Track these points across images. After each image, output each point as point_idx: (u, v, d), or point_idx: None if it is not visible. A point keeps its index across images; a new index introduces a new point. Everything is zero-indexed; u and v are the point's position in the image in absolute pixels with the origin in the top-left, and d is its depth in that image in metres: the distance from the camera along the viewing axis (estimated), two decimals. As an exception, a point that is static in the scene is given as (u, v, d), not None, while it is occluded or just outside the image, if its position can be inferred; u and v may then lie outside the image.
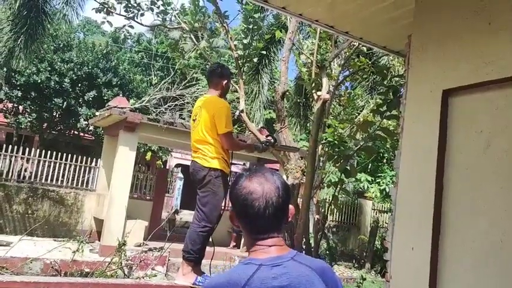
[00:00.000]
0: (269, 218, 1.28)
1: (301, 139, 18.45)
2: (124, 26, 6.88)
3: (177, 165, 21.11)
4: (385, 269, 2.55)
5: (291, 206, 1.34)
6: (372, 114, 5.45)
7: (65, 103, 14.86)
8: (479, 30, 2.19)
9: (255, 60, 5.82)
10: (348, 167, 4.22)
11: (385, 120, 4.23)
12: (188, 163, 3.97)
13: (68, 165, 11.58)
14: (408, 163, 2.52)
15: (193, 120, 3.66)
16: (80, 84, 15.22)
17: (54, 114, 15.79)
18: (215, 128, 3.45)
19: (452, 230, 2.16)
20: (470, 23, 2.25)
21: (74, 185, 11.58)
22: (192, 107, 14.11)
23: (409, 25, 2.72)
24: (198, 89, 15.21)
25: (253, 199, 1.27)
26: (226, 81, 3.69)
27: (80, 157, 11.82)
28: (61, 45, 15.74)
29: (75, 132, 16.29)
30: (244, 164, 19.23)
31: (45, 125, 15.62)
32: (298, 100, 14.25)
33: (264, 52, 9.11)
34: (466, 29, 2.27)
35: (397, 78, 4.97)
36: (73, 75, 14.89)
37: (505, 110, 2.03)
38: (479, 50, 2.17)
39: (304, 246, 4.20)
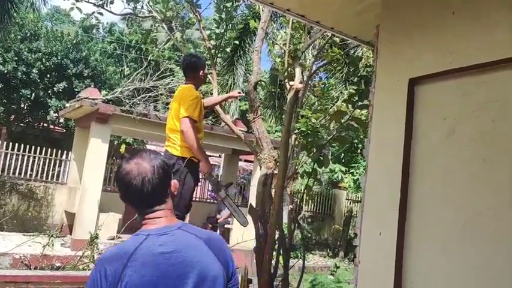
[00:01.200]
0: (149, 194, 1.41)
1: (276, 130, 18.53)
2: (93, 12, 6.70)
3: (152, 158, 20.83)
4: (353, 252, 2.60)
5: (173, 181, 1.51)
6: (344, 104, 5.52)
7: (33, 94, 14.40)
8: (443, 19, 2.24)
9: (228, 50, 5.78)
10: (321, 157, 4.26)
11: (358, 110, 4.29)
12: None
13: (37, 158, 11.29)
14: (377, 151, 2.56)
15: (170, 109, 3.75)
16: (48, 75, 14.77)
17: (22, 105, 15.28)
18: None
19: (418, 215, 2.22)
20: (435, 12, 2.29)
21: (44, 179, 11.30)
22: (166, 98, 14.01)
23: (377, 15, 2.75)
24: (172, 80, 15.03)
25: (130, 178, 1.40)
26: (201, 71, 3.72)
27: (50, 150, 11.53)
28: (28, 35, 15.22)
29: (45, 124, 15.85)
30: (219, 155, 19.18)
31: (13, 117, 15.13)
32: (273, 91, 14.27)
33: (237, 42, 9.06)
34: (431, 18, 2.31)
35: (369, 69, 5.03)
36: (41, 66, 14.43)
37: (468, 97, 2.09)
38: (444, 39, 2.22)
39: (277, 236, 4.23)
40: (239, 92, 4.34)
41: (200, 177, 3.89)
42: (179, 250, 1.35)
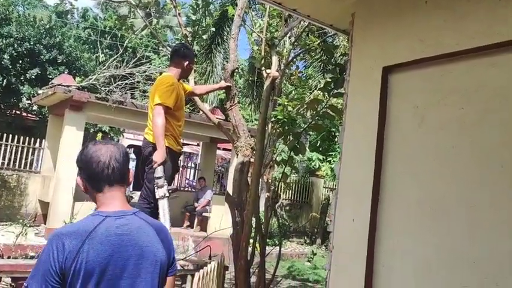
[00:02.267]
0: (112, 175, 1.55)
1: (255, 119, 18.51)
2: (67, -3, 6.50)
3: (129, 146, 20.59)
4: (329, 239, 2.65)
5: (131, 170, 1.68)
6: (321, 93, 5.56)
7: (5, 81, 13.95)
8: (416, 9, 2.27)
9: (205, 37, 5.72)
10: (298, 145, 4.29)
11: (334, 98, 4.32)
12: (141, 144, 3.92)
13: (9, 146, 11.00)
14: (351, 138, 2.60)
15: None
16: (21, 61, 14.31)
17: (-7, 92, 14.82)
18: None
19: (390, 201, 2.27)
20: (409, 1, 2.32)
21: (17, 167, 11.03)
22: (144, 86, 13.77)
23: (352, 4, 2.77)
24: (149, 67, 14.78)
25: (99, 155, 1.54)
26: (187, 62, 3.67)
27: (22, 138, 11.24)
28: (-1, 19, 14.69)
29: (17, 112, 15.41)
30: (198, 144, 19.09)
31: (-16, 104, 14.68)
32: (252, 79, 14.23)
33: (214, 29, 8.94)
34: (405, 7, 2.35)
35: (346, 57, 5.06)
36: (13, 52, 13.96)
37: (438, 86, 2.13)
38: (416, 28, 2.25)
39: (254, 223, 4.26)
40: (228, 85, 4.31)
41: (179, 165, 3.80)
42: (132, 234, 1.51)
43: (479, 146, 1.93)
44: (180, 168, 15.78)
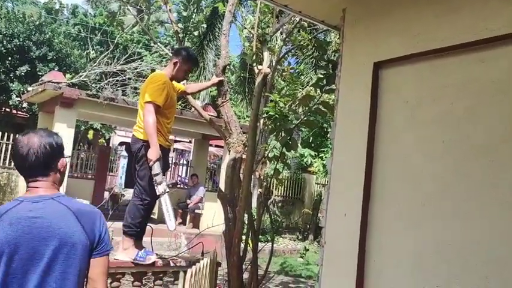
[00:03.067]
0: (31, 164, 1.62)
1: (247, 116, 18.50)
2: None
3: (121, 143, 20.48)
4: (321, 235, 2.66)
5: (62, 160, 1.72)
6: (313, 89, 5.56)
7: (-6, 78, 13.81)
8: (407, 4, 2.28)
9: (196, 33, 5.69)
10: (289, 141, 4.29)
11: (326, 94, 4.33)
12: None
13: (-1, 144, 10.89)
14: (342, 134, 2.61)
15: None
16: (10, 58, 14.14)
17: (-18, 89, 14.64)
18: None
19: (381, 196, 2.28)
20: (400, -3, 2.33)
21: (7, 165, 10.92)
22: (135, 83, 13.69)
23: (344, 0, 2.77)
24: (140, 64, 14.67)
25: (18, 148, 1.62)
26: (176, 61, 3.61)
27: (12, 135, 11.12)
28: (-13, 16, 14.51)
29: (7, 109, 15.24)
30: (190, 141, 19.04)
31: (-28, 101, 14.49)
32: (244, 76, 14.21)
33: (205, 26, 8.89)
34: (396, 3, 2.35)
35: (338, 53, 5.07)
36: (2, 48, 13.79)
37: (429, 81, 2.14)
38: (407, 24, 2.26)
39: (246, 220, 4.26)
40: (218, 76, 4.30)
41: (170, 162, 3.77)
42: (45, 217, 1.57)
43: (469, 141, 1.95)
44: (172, 166, 15.74)
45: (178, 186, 14.63)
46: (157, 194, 3.39)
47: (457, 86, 2.02)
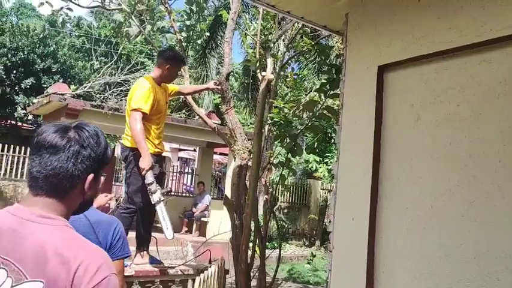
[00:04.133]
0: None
1: (251, 123, 18.53)
2: (61, 8, 6.48)
3: (125, 153, 20.53)
4: (329, 240, 2.65)
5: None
6: (317, 94, 5.56)
7: (0, 91, 13.94)
8: (410, 7, 2.28)
9: (199, 42, 5.72)
10: (294, 147, 4.29)
11: (330, 99, 4.33)
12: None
13: (5, 156, 10.95)
14: (348, 138, 2.60)
15: None
16: (15, 71, 14.30)
17: (-12, 103, 14.79)
18: None
19: (389, 199, 2.27)
20: (402, 0, 2.34)
21: (13, 177, 10.98)
22: (138, 92, 13.62)
23: (346, 4, 2.78)
24: (143, 74, 14.76)
25: None
26: (169, 65, 3.56)
27: (18, 147, 11.19)
28: (-8, 29, 14.69)
29: (13, 121, 15.37)
30: (194, 149, 19.05)
31: (-22, 114, 14.64)
32: (247, 82, 14.25)
33: (208, 34, 8.92)
34: (398, 6, 2.36)
35: (340, 58, 5.07)
36: (7, 62, 13.96)
37: (434, 83, 2.14)
38: (411, 27, 2.26)
39: (253, 226, 4.25)
40: (215, 83, 4.29)
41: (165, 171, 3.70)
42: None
43: (477, 142, 1.94)
44: (177, 174, 15.75)
45: (184, 194, 14.62)
46: (153, 203, 3.33)
47: (463, 88, 2.02)
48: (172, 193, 13.60)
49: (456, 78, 2.06)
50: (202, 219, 11.59)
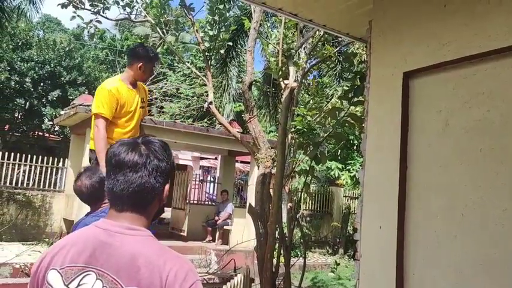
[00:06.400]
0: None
1: (271, 131, 18.54)
2: (91, 21, 6.66)
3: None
4: (355, 249, 2.62)
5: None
6: (340, 101, 5.53)
7: (28, 103, 14.36)
8: (435, 13, 2.27)
9: (222, 51, 5.79)
10: (318, 154, 4.28)
11: (353, 106, 4.31)
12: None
13: (33, 167, 11.23)
14: (374, 145, 2.59)
15: None
16: (42, 84, 14.72)
17: (17, 115, 15.23)
18: None
19: (417, 207, 2.24)
20: (427, 6, 2.32)
21: (41, 187, 11.24)
22: (161, 102, 13.90)
23: (369, 11, 2.78)
24: (165, 84, 15.00)
25: None
26: (141, 63, 3.29)
27: (46, 158, 11.48)
28: (20, 44, 15.17)
29: (40, 133, 15.79)
30: (215, 157, 19.16)
31: (7, 126, 15.07)
32: (267, 90, 14.28)
33: (231, 44, 9.02)
34: (423, 12, 2.34)
35: (363, 65, 5.06)
36: (34, 75, 14.38)
37: (462, 89, 2.11)
38: (435, 33, 2.24)
39: (277, 234, 4.24)
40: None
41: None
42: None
43: (508, 148, 1.90)
44: (199, 183, 15.86)
45: (206, 203, 14.69)
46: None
47: (492, 93, 1.98)
48: (195, 201, 13.70)
49: (485, 83, 2.02)
50: (225, 227, 11.61)
